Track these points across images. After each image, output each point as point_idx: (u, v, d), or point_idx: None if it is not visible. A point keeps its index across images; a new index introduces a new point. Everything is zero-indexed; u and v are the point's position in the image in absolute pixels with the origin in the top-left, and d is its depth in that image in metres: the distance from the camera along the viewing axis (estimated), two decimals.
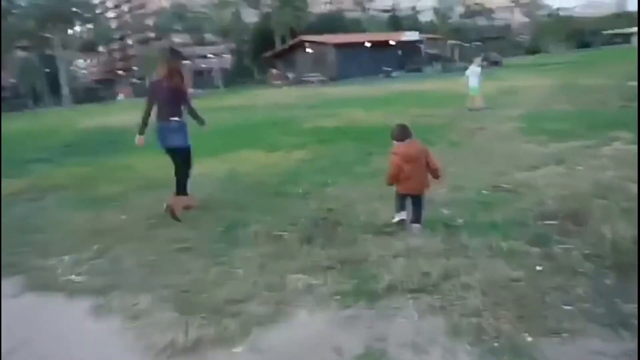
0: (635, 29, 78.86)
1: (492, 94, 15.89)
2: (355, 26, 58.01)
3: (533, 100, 13.39)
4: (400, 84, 25.28)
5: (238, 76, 55.86)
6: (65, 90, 45.98)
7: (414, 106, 14.05)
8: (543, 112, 10.69)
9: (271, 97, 24.79)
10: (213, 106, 17.99)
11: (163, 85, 4.86)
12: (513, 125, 9.53)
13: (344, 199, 5.10)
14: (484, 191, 5.03)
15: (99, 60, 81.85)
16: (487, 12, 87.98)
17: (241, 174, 6.84)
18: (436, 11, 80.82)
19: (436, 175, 4.11)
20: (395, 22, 66.05)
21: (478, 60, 13.52)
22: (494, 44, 46.54)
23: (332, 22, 52.36)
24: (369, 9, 75.50)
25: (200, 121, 5.24)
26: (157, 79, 5.06)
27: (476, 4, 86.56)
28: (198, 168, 7.25)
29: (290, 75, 39.86)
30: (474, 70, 12.69)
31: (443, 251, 3.56)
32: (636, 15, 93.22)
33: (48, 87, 50.07)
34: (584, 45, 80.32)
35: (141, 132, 4.96)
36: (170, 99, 4.83)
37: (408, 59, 41.87)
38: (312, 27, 49.10)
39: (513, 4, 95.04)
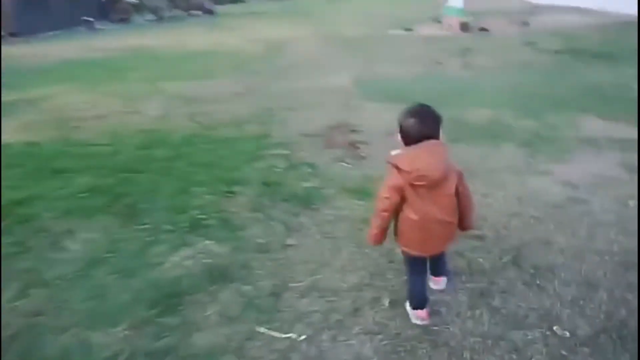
0: None
1: (257, 51, 12.59)
2: None
3: (327, 58, 10.60)
4: (116, 39, 19.25)
5: None
6: None
7: (162, 76, 9.37)
8: (386, 78, 7.95)
9: None
10: None
11: None
12: (386, 113, 5.39)
13: None
14: None
15: None
16: None
17: None
18: None
19: (467, 225, 2.03)
20: None
21: None
22: None
23: None
24: None
25: None
26: None
27: None
28: None
29: None
30: None
31: None
32: None
33: None
34: None
35: None
36: None
37: (110, 7, 34.25)
38: None
39: None
